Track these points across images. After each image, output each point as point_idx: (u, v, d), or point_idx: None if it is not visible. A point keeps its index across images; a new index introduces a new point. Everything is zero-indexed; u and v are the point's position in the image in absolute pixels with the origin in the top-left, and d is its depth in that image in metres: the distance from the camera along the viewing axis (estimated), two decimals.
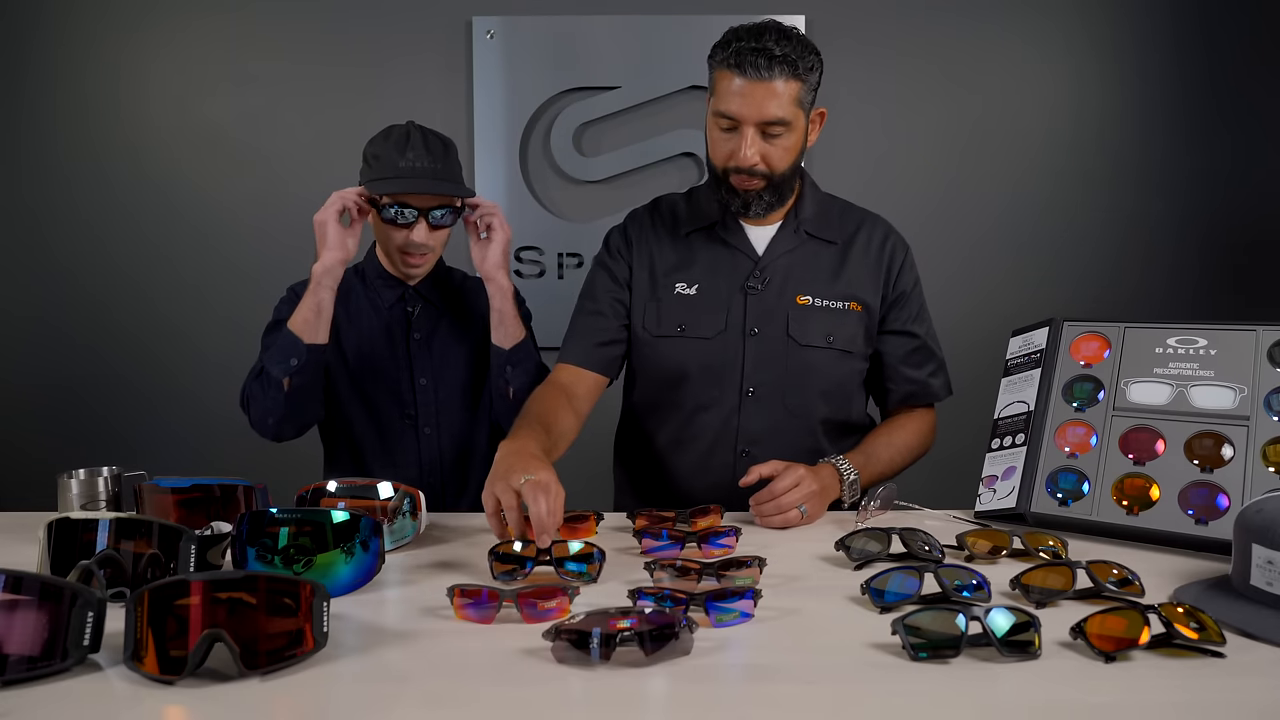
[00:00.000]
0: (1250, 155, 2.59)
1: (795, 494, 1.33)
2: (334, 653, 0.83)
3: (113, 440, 2.63)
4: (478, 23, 2.56)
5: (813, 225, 1.54)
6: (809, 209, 1.55)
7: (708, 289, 1.52)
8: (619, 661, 0.79)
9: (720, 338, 1.50)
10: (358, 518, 1.02)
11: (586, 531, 1.29)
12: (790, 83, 1.37)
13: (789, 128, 1.39)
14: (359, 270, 1.69)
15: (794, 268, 1.52)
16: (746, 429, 1.51)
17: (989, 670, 0.79)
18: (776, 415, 1.51)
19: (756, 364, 1.50)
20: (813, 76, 1.41)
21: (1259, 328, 1.28)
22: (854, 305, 1.52)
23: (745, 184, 1.43)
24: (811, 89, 1.42)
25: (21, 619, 0.77)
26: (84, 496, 1.37)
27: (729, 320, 1.50)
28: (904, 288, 1.56)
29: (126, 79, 2.60)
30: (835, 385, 1.54)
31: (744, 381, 1.50)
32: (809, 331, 1.50)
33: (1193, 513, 1.19)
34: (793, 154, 1.44)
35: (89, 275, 2.63)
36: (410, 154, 1.50)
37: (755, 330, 1.50)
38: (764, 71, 1.35)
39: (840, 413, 1.56)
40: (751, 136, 1.39)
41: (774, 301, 1.50)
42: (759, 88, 1.36)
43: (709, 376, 1.51)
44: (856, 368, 1.56)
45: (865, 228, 1.57)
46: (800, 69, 1.37)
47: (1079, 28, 2.58)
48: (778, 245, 1.53)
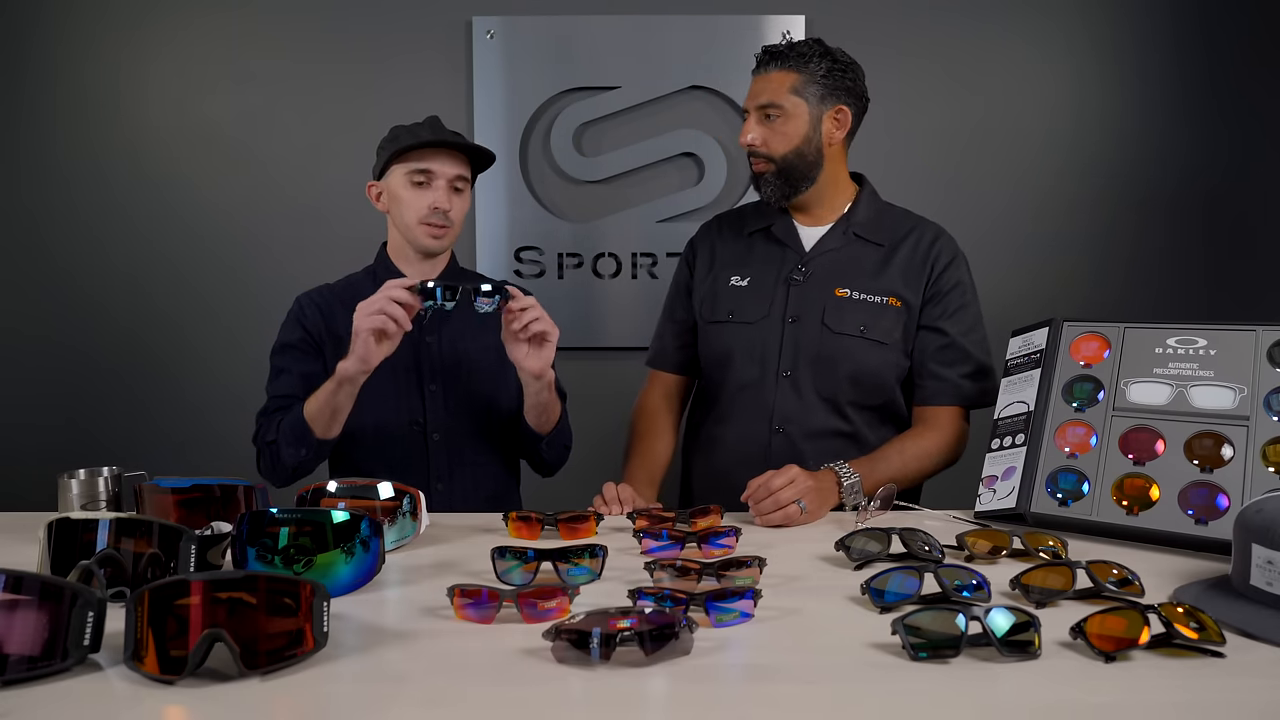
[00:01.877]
0: (1251, 155, 2.59)
1: (790, 490, 1.34)
2: (334, 653, 0.83)
3: (113, 440, 2.63)
4: (478, 23, 2.56)
5: (863, 228, 1.65)
6: (863, 214, 1.67)
7: (757, 281, 1.66)
8: (619, 661, 0.79)
9: (762, 323, 1.63)
10: (358, 518, 1.02)
11: (587, 532, 1.29)
12: (787, 74, 1.57)
13: (785, 113, 1.57)
14: (371, 273, 1.69)
15: (838, 264, 1.64)
16: (781, 408, 1.60)
17: (989, 670, 0.79)
18: (807, 397, 1.60)
19: (793, 349, 1.61)
20: (814, 69, 1.57)
21: (1259, 328, 1.28)
22: (893, 300, 1.60)
23: (757, 166, 1.62)
24: (814, 82, 1.57)
25: (22, 619, 0.77)
26: (84, 496, 1.38)
27: (772, 308, 1.63)
28: (943, 286, 1.61)
29: (126, 77, 2.60)
30: (865, 372, 1.59)
31: (780, 364, 1.61)
32: (843, 321, 1.59)
33: (1193, 513, 1.19)
34: (792, 141, 1.58)
35: (87, 275, 2.63)
36: (425, 131, 1.59)
37: (794, 318, 1.61)
38: (763, 66, 1.59)
39: (871, 398, 1.62)
40: (751, 121, 1.60)
41: (814, 293, 1.62)
42: (759, 80, 1.60)
43: (750, 359, 1.63)
44: (891, 359, 1.60)
45: (916, 232, 1.66)
46: (796, 62, 1.56)
47: (1080, 28, 2.58)
48: (825, 243, 1.65)
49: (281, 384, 1.60)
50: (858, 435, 1.61)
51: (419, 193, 1.58)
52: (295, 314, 1.65)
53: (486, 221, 2.60)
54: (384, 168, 1.60)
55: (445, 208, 1.58)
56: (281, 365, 1.62)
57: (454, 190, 1.60)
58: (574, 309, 2.58)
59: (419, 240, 1.60)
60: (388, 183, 1.61)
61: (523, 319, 1.41)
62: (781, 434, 1.60)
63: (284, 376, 1.60)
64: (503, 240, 2.61)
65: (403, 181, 1.58)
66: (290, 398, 1.56)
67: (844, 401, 1.60)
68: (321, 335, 1.62)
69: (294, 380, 1.59)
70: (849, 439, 1.61)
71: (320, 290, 1.69)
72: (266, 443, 1.54)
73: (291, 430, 1.49)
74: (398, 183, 1.59)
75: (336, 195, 2.56)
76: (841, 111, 1.60)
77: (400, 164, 1.58)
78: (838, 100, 1.59)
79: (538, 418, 1.57)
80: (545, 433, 1.60)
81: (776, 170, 1.59)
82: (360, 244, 1.76)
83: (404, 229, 1.61)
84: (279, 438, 1.51)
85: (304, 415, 1.47)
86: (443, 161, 1.57)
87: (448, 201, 1.58)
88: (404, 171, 1.58)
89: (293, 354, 1.62)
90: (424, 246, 1.61)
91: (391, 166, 1.59)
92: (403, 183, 1.58)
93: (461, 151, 1.60)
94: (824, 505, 1.41)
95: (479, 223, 2.60)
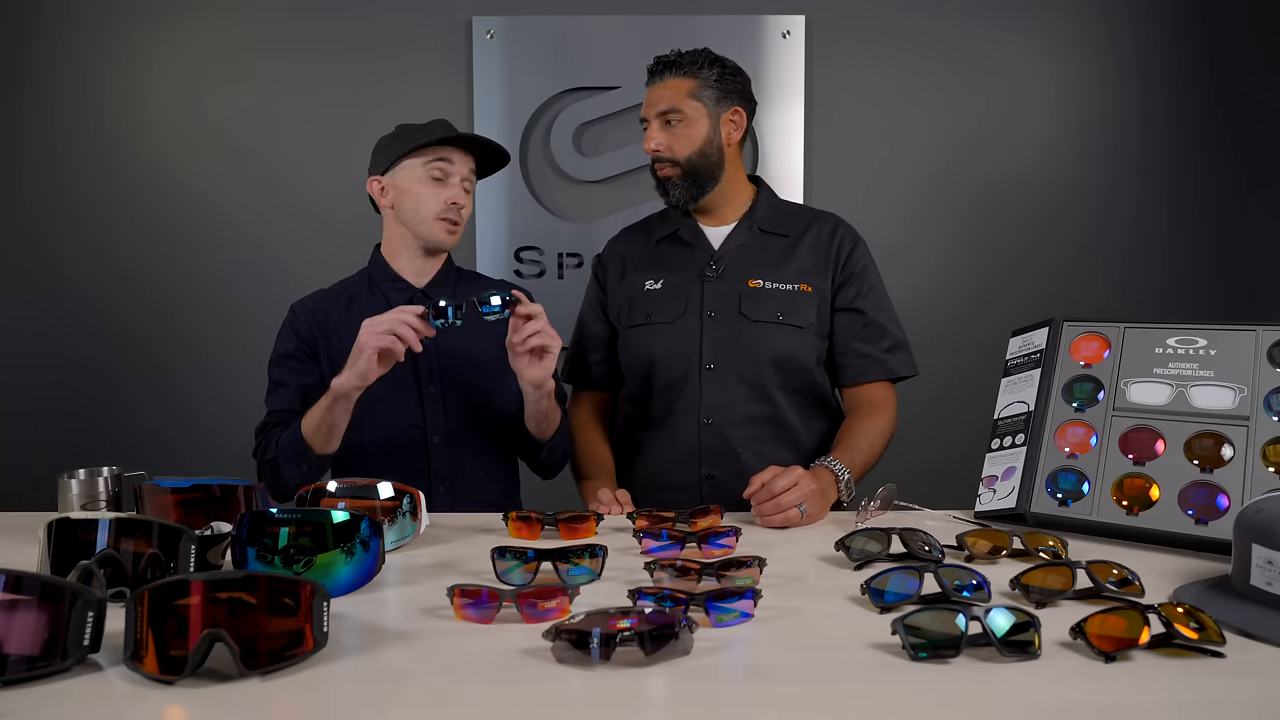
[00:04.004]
0: (1251, 154, 2.59)
1: (794, 493, 1.34)
2: (334, 653, 0.83)
3: (113, 440, 2.63)
4: (478, 23, 2.56)
5: (766, 223, 1.71)
6: (763, 210, 1.72)
7: (671, 282, 1.69)
8: (619, 661, 0.79)
9: (680, 321, 1.66)
10: (358, 518, 1.02)
11: (587, 531, 1.29)
12: (682, 80, 1.62)
13: (685, 117, 1.62)
14: (366, 275, 1.68)
15: (747, 257, 1.68)
16: (708, 401, 1.63)
17: (989, 670, 0.79)
18: (732, 387, 1.63)
19: (713, 342, 1.63)
20: (707, 75, 1.63)
21: (1259, 328, 1.28)
22: (804, 286, 1.65)
23: (662, 171, 1.66)
24: (709, 86, 1.63)
25: (21, 619, 0.77)
26: (84, 496, 1.38)
27: (688, 305, 1.66)
28: (852, 270, 1.67)
29: (127, 77, 2.60)
30: (786, 356, 1.63)
31: (703, 358, 1.63)
32: (759, 309, 1.63)
33: (1193, 513, 1.19)
34: (695, 143, 1.63)
35: (88, 275, 2.63)
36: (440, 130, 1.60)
37: (712, 313, 1.65)
38: (657, 76, 1.65)
39: (796, 381, 1.65)
40: (653, 128, 1.65)
41: (728, 286, 1.66)
42: (656, 88, 1.65)
43: (672, 357, 1.66)
44: (810, 343, 1.65)
45: (817, 223, 1.72)
46: (690, 69, 1.62)
47: (1080, 28, 2.58)
48: (732, 240, 1.70)
49: (280, 398, 1.60)
50: (783, 420, 1.64)
51: (437, 188, 1.59)
52: (290, 323, 1.65)
53: (486, 221, 2.61)
54: (393, 162, 1.60)
55: (462, 203, 1.60)
56: (279, 379, 1.61)
57: (464, 189, 1.62)
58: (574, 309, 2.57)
59: (434, 235, 1.60)
60: (396, 177, 1.60)
61: (524, 331, 1.41)
62: (710, 425, 1.62)
63: (281, 391, 1.60)
64: (503, 240, 2.62)
65: (420, 175, 1.58)
66: (288, 413, 1.56)
67: (770, 385, 1.63)
68: (316, 342, 1.62)
69: (291, 394, 1.58)
70: (776, 424, 1.64)
71: (314, 296, 1.68)
72: (267, 460, 1.54)
73: (290, 449, 1.49)
74: (411, 177, 1.59)
75: (337, 195, 2.57)
76: (737, 113, 1.66)
77: (415, 159, 1.58)
78: (732, 103, 1.65)
79: (538, 425, 1.57)
80: (545, 439, 1.60)
81: (683, 173, 1.64)
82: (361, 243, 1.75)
83: (417, 224, 1.60)
84: (279, 455, 1.51)
85: (302, 433, 1.47)
86: (460, 159, 1.60)
87: (463, 198, 1.61)
88: (422, 165, 1.58)
89: (289, 365, 1.61)
90: (438, 242, 1.62)
91: (403, 161, 1.59)
92: (419, 177, 1.58)
93: (478, 150, 1.62)
94: (825, 506, 1.42)
95: (479, 223, 2.60)
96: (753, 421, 1.63)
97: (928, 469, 1.73)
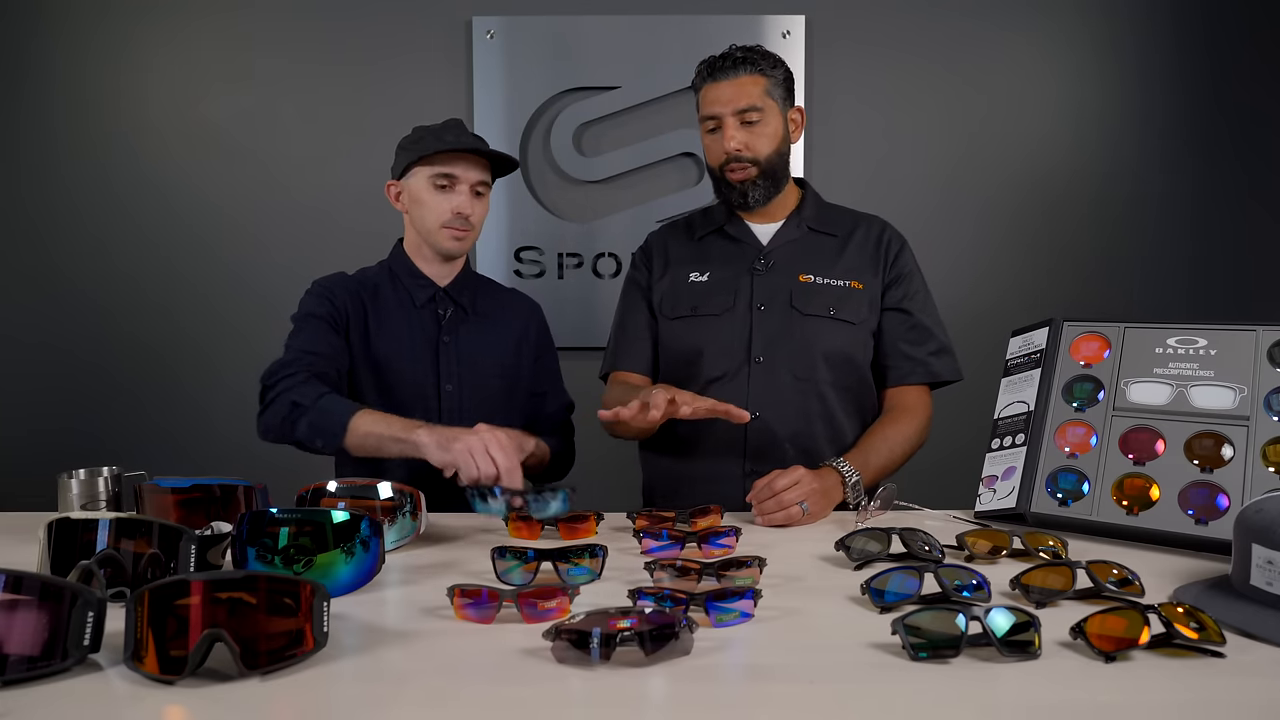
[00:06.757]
0: (1251, 154, 2.59)
1: (795, 491, 1.35)
2: (334, 653, 0.83)
3: (113, 440, 2.63)
4: (478, 23, 2.56)
5: (814, 221, 1.70)
6: (810, 210, 1.71)
7: (718, 275, 1.67)
8: (619, 661, 0.79)
9: (729, 314, 1.63)
10: (358, 518, 1.02)
11: (587, 531, 1.29)
12: (756, 77, 1.58)
13: (763, 114, 1.58)
14: (387, 268, 1.70)
15: (797, 253, 1.67)
16: (756, 394, 1.60)
17: (989, 670, 0.79)
18: (783, 380, 1.61)
19: (764, 335, 1.61)
20: (776, 74, 1.60)
21: (1259, 328, 1.28)
22: (855, 284, 1.64)
23: (739, 174, 1.61)
24: (779, 85, 1.61)
25: (21, 619, 0.77)
26: (84, 496, 1.38)
27: (737, 298, 1.64)
28: (900, 270, 1.67)
29: (127, 77, 2.60)
30: (837, 350, 1.62)
31: (752, 351, 1.61)
32: (811, 303, 1.62)
33: (1193, 513, 1.19)
34: (774, 141, 1.61)
35: (88, 275, 2.63)
36: (450, 135, 1.60)
37: (762, 306, 1.63)
38: (730, 71, 1.58)
39: (846, 377, 1.64)
40: (732, 126, 1.58)
41: (779, 280, 1.64)
42: (729, 85, 1.58)
43: (720, 350, 1.63)
44: (860, 338, 1.64)
45: (864, 224, 1.72)
46: (762, 66, 1.58)
47: (1080, 27, 2.58)
48: (781, 235, 1.68)
49: (305, 339, 1.55)
50: (834, 419, 1.62)
51: (442, 196, 1.60)
52: (323, 291, 1.63)
53: (487, 221, 2.57)
54: (405, 169, 1.62)
55: (467, 212, 1.61)
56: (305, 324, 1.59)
57: (475, 195, 1.62)
58: (574, 309, 2.58)
59: (440, 243, 1.63)
60: (408, 184, 1.63)
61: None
62: (759, 419, 1.58)
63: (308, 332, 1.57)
64: (503, 240, 2.62)
65: (425, 184, 1.60)
66: (314, 355, 1.53)
67: (822, 382, 1.61)
68: (348, 315, 1.63)
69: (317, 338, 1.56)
70: (826, 422, 1.62)
71: (341, 275, 1.70)
72: (291, 403, 1.46)
73: (324, 420, 1.43)
74: (420, 185, 1.61)
75: (338, 195, 2.57)
76: (799, 112, 1.66)
77: (423, 167, 1.60)
78: (793, 102, 1.65)
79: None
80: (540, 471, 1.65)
81: (761, 173, 1.60)
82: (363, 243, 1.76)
83: (425, 231, 1.64)
84: (309, 408, 1.44)
85: (350, 421, 1.42)
86: (466, 167, 1.60)
87: (470, 206, 1.61)
88: (427, 175, 1.60)
89: (317, 322, 1.59)
90: (444, 249, 1.64)
91: (414, 168, 1.61)
92: (425, 185, 1.60)
93: (485, 158, 1.62)
94: (827, 506, 1.42)
95: None
96: (802, 417, 1.60)
97: (928, 469, 1.73)
